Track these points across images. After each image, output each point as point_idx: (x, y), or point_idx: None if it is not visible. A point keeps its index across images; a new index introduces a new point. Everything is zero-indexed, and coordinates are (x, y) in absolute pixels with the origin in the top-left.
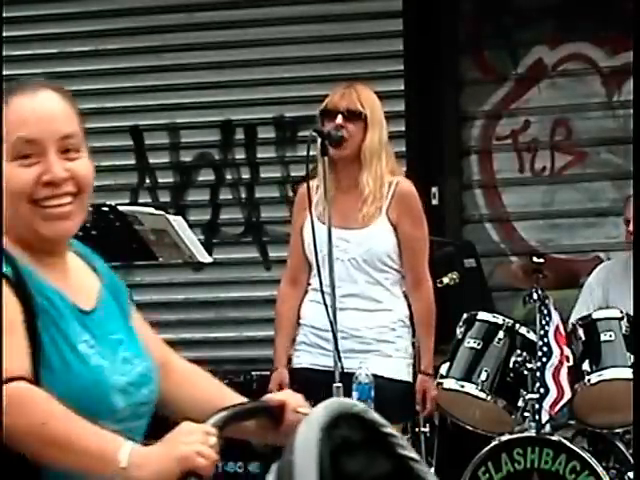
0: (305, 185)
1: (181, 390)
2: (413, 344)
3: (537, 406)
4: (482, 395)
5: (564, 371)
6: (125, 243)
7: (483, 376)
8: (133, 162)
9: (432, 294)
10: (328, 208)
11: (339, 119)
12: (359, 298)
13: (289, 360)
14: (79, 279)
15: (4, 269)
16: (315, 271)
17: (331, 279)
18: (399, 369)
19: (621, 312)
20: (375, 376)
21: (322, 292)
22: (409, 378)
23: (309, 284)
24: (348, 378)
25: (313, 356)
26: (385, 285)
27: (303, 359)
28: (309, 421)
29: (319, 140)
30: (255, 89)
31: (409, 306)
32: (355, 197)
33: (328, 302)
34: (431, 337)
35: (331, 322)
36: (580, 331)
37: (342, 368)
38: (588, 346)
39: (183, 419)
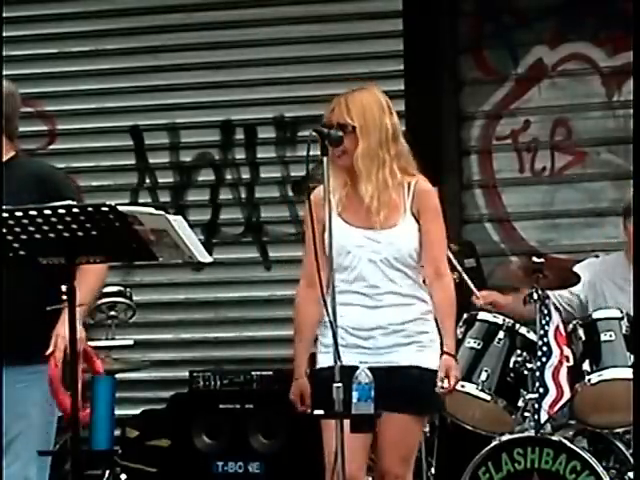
0: (322, 187)
1: None
2: None
3: (537, 406)
4: (482, 395)
5: (564, 371)
6: (125, 243)
7: (483, 376)
8: (133, 162)
9: (452, 284)
10: (328, 207)
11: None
12: (396, 295)
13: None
14: None
15: None
16: (340, 272)
17: (331, 277)
18: (436, 359)
19: (621, 312)
20: (418, 368)
21: (331, 291)
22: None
23: (335, 286)
24: (392, 372)
25: (353, 356)
26: (414, 278)
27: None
28: None
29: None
30: (255, 89)
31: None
32: (365, 204)
33: (329, 300)
34: (452, 321)
35: (331, 322)
36: (580, 331)
37: (341, 363)
38: (588, 346)
39: None
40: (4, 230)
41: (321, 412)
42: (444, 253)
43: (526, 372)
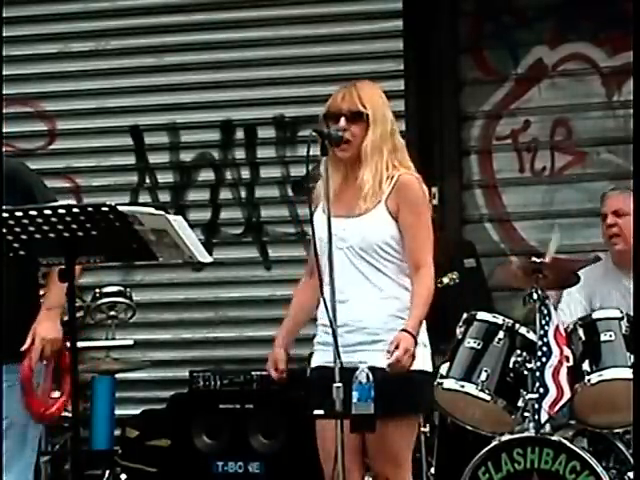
0: (323, 177)
1: None
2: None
3: (537, 406)
4: (482, 395)
5: (564, 371)
6: (125, 243)
7: (483, 376)
8: (133, 162)
9: (432, 278)
10: (328, 207)
11: (342, 122)
12: (361, 287)
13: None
14: None
15: None
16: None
17: (331, 279)
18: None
19: (621, 312)
20: (381, 369)
21: (321, 286)
22: (422, 367)
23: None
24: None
25: (327, 354)
26: (387, 273)
27: (319, 358)
28: None
29: (319, 140)
30: (255, 89)
31: None
32: (356, 190)
33: (328, 297)
34: (421, 307)
35: (331, 321)
36: (580, 331)
37: (341, 364)
38: (588, 346)
39: None
40: (4, 230)
41: (321, 412)
42: (424, 248)
43: (526, 372)
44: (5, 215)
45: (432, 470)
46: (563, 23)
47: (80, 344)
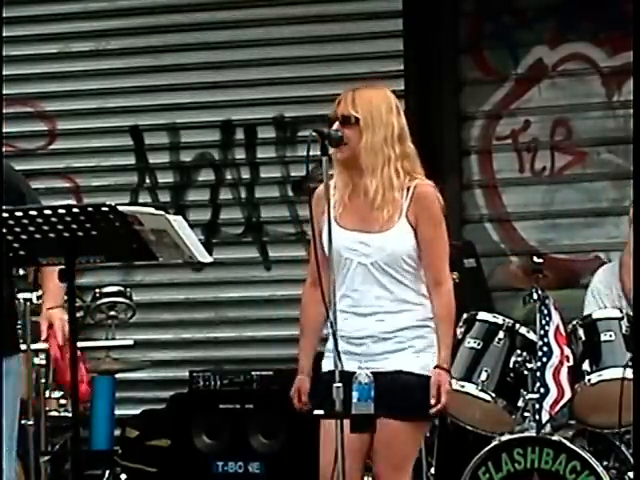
0: (323, 186)
1: None
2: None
3: (537, 406)
4: (482, 395)
5: (564, 371)
6: (125, 243)
7: (483, 376)
8: (133, 162)
9: (452, 292)
10: (327, 206)
11: (335, 125)
12: (386, 300)
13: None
14: None
15: None
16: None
17: (331, 279)
18: (429, 364)
19: (621, 312)
20: (406, 373)
21: (332, 295)
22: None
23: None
24: (380, 377)
25: (347, 362)
26: (409, 285)
27: (333, 365)
28: None
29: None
30: (255, 89)
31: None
32: (368, 201)
33: (332, 302)
34: (449, 333)
35: (331, 323)
36: (580, 331)
37: (342, 366)
38: (588, 346)
39: None
40: (4, 230)
41: (321, 412)
42: (443, 261)
43: (526, 372)
44: (5, 215)
45: (432, 470)
46: (563, 23)
47: (80, 344)
